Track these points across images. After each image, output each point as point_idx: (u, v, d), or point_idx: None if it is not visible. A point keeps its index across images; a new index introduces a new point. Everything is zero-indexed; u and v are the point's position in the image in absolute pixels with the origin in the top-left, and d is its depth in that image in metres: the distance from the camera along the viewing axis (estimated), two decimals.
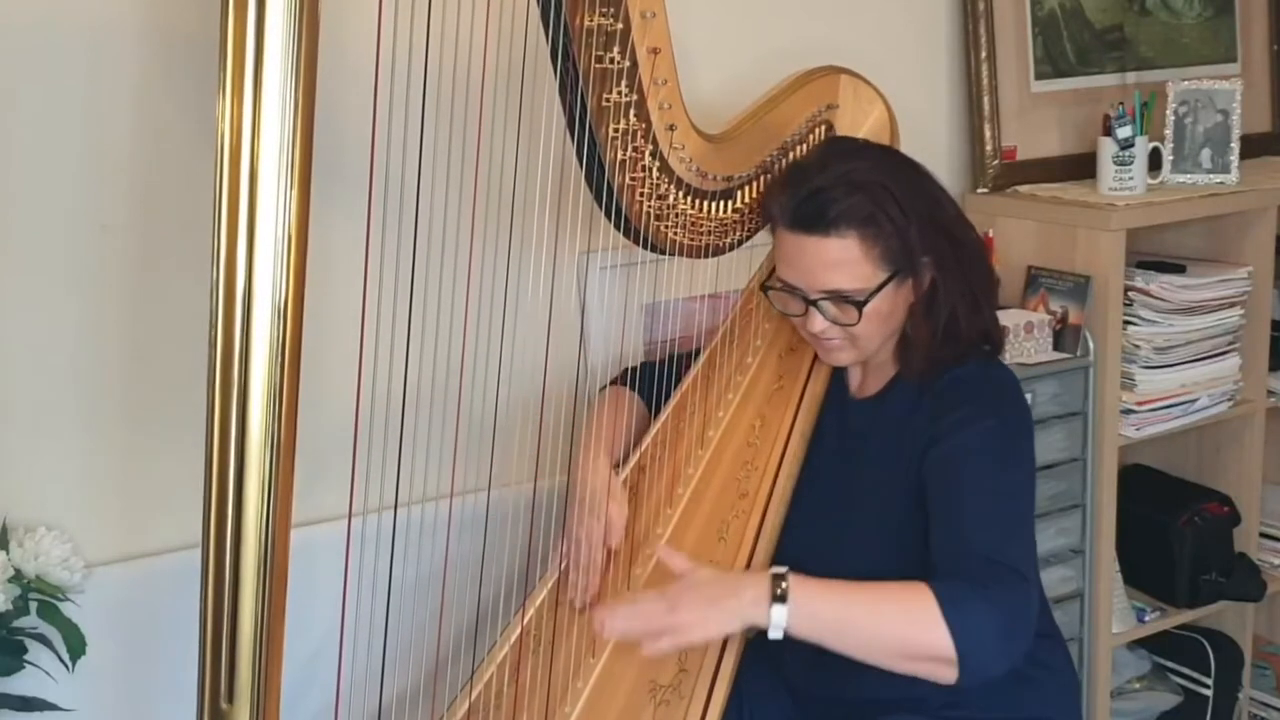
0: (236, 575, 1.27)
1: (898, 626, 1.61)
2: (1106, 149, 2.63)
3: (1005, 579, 1.63)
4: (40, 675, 1.88)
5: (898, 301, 1.82)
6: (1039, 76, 2.80)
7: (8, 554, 1.84)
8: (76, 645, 1.88)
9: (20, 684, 1.87)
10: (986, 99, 2.73)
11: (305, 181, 1.23)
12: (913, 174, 1.86)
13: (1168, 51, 2.95)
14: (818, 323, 1.82)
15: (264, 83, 1.19)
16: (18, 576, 1.85)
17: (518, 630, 1.82)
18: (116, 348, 1.98)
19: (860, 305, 1.78)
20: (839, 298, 1.79)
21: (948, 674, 1.60)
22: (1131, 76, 2.89)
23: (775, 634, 1.60)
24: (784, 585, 1.59)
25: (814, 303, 1.81)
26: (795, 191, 1.81)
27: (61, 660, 1.88)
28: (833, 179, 1.78)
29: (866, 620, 1.62)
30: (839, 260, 1.77)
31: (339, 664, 1.53)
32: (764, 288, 1.93)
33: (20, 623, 1.85)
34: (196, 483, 1.54)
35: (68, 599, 1.88)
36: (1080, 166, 2.76)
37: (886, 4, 2.66)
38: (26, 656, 1.86)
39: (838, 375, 1.98)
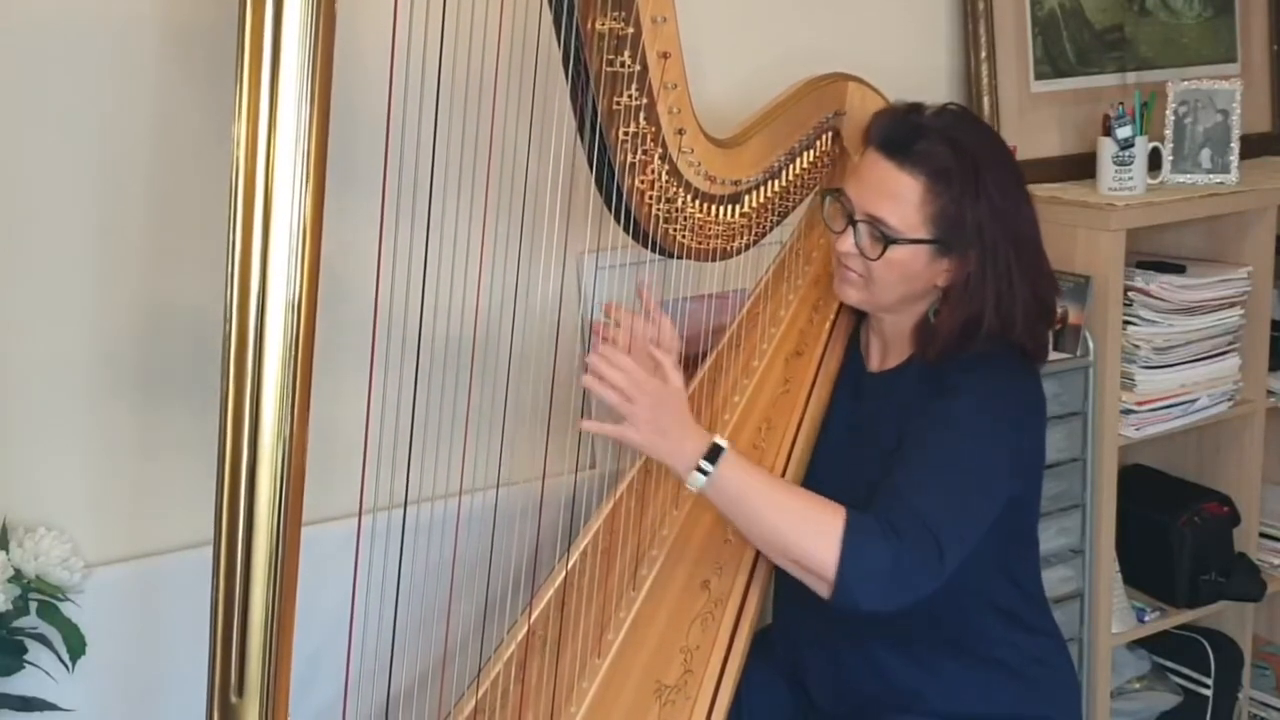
0: (248, 570, 1.28)
1: (796, 532, 1.69)
2: (1106, 149, 2.63)
3: (917, 536, 1.67)
4: (40, 675, 1.88)
5: (925, 271, 1.83)
6: (1039, 76, 2.80)
7: (8, 554, 1.84)
8: (76, 645, 1.88)
9: (20, 684, 1.87)
10: (986, 99, 2.73)
11: (320, 178, 1.23)
12: (1013, 179, 1.87)
13: (1168, 51, 2.96)
14: (847, 243, 1.85)
15: (281, 80, 1.19)
16: (18, 576, 1.84)
17: (524, 629, 1.82)
18: (124, 346, 1.98)
19: (888, 243, 1.80)
20: (876, 228, 1.81)
21: (823, 589, 1.69)
22: (1131, 76, 2.89)
23: (691, 488, 1.72)
24: (712, 466, 1.70)
25: (854, 223, 1.83)
26: (899, 119, 1.86)
27: (61, 660, 1.88)
28: (936, 126, 1.83)
29: (773, 517, 1.71)
30: (896, 193, 1.80)
31: (347, 659, 1.53)
32: (826, 192, 1.96)
33: (20, 623, 1.85)
34: (196, 483, 1.55)
35: (68, 599, 1.88)
36: (1080, 166, 2.76)
37: (886, 4, 2.66)
38: (26, 656, 1.86)
39: (856, 352, 2.00)
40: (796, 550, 1.69)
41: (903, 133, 1.82)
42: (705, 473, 1.69)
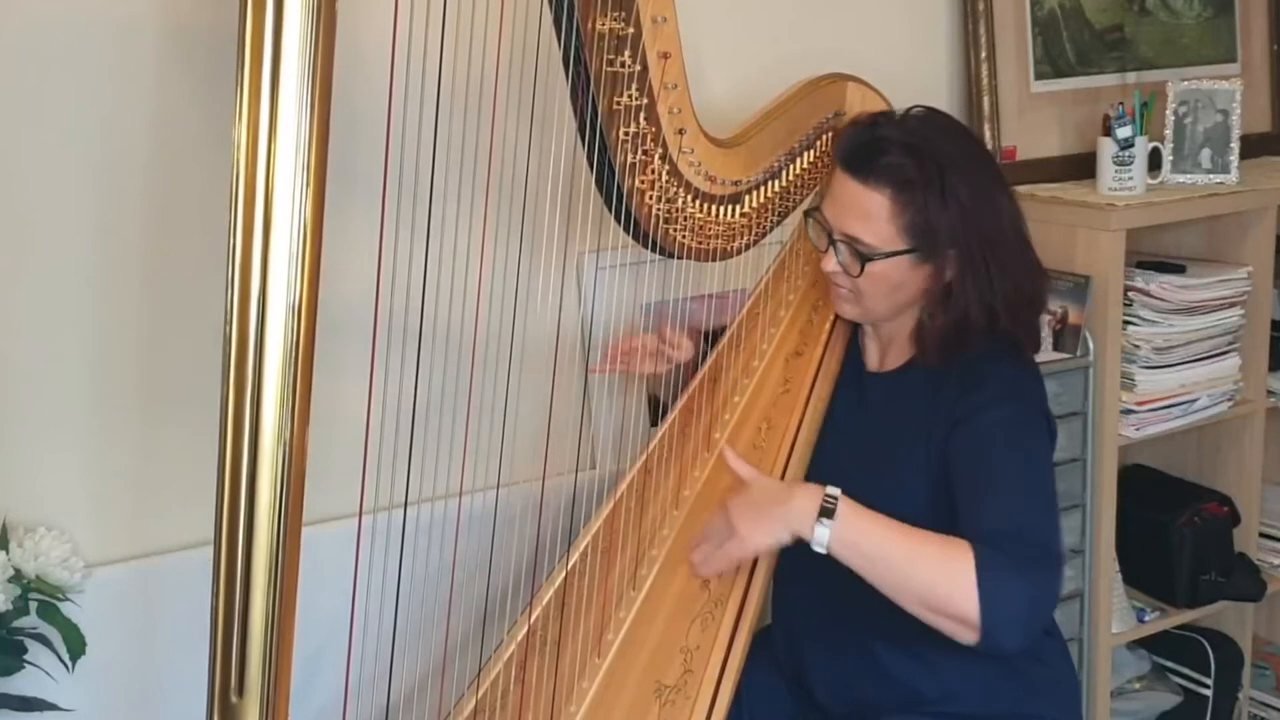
0: (248, 570, 1.27)
1: (931, 576, 1.62)
2: (1106, 149, 2.63)
3: (1041, 559, 1.65)
4: (40, 675, 1.88)
5: (910, 278, 1.83)
6: (1039, 76, 2.81)
7: (8, 554, 1.84)
8: (76, 645, 1.88)
9: (20, 684, 1.87)
10: (986, 99, 2.73)
11: (320, 181, 1.22)
12: (983, 175, 1.86)
13: (1168, 51, 2.96)
14: (830, 262, 1.87)
15: (281, 82, 1.18)
16: (18, 576, 1.84)
17: (524, 629, 1.82)
18: (124, 347, 1.98)
19: (865, 260, 1.81)
20: (853, 246, 1.82)
21: (967, 636, 1.62)
22: (1131, 76, 2.89)
23: (818, 548, 1.65)
24: (833, 502, 1.65)
25: (834, 242, 1.85)
26: (860, 133, 1.86)
27: (61, 660, 1.88)
28: (897, 135, 1.82)
29: (904, 561, 1.64)
30: (866, 211, 1.80)
31: (348, 659, 1.53)
32: (807, 213, 1.96)
33: (20, 623, 1.85)
34: (196, 483, 1.55)
35: (68, 599, 1.88)
36: (1080, 166, 2.76)
37: (887, 5, 2.66)
38: (26, 656, 1.86)
39: (854, 352, 2.00)
40: (937, 597, 1.62)
41: (864, 149, 1.82)
42: (826, 524, 1.64)
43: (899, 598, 1.65)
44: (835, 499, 1.66)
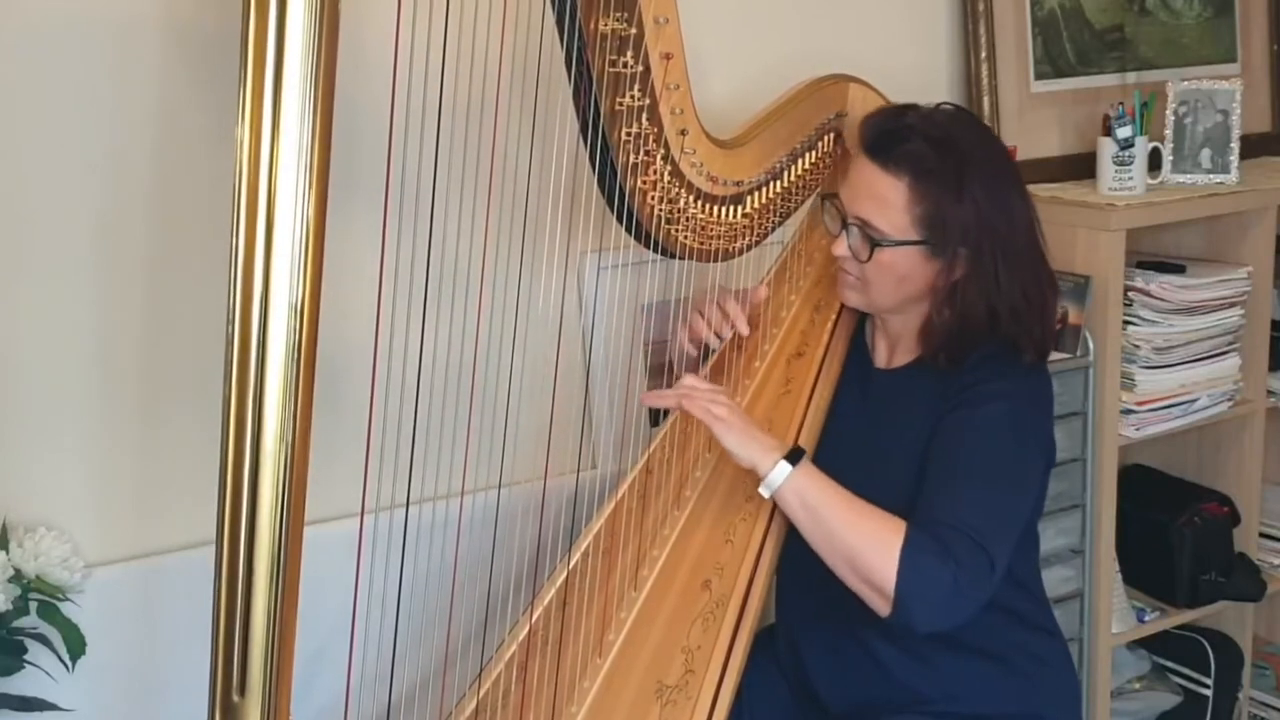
0: (250, 570, 1.28)
1: (861, 542, 1.69)
2: (1106, 149, 2.63)
3: (969, 555, 1.68)
4: (40, 675, 1.88)
5: (917, 272, 1.84)
6: (1039, 76, 2.81)
7: (8, 554, 1.84)
8: (76, 645, 1.88)
9: (20, 684, 1.87)
10: (986, 99, 2.73)
11: (323, 181, 1.23)
12: (1003, 180, 1.86)
13: (1168, 51, 2.96)
14: (841, 246, 1.88)
15: (284, 84, 1.19)
16: (18, 576, 1.84)
17: (526, 629, 1.82)
18: (125, 347, 1.98)
19: (875, 245, 1.82)
20: (865, 231, 1.83)
21: (882, 606, 1.69)
22: (1131, 76, 2.89)
23: (765, 490, 1.74)
24: (798, 452, 1.75)
25: (846, 226, 1.85)
26: (887, 120, 1.87)
27: (61, 660, 1.88)
28: (923, 126, 1.83)
29: (840, 523, 1.71)
30: (882, 196, 1.81)
31: (349, 659, 1.53)
32: (824, 197, 1.97)
33: (20, 623, 1.85)
34: (198, 482, 1.55)
35: (68, 599, 1.88)
36: (1080, 166, 2.76)
37: (887, 5, 2.66)
38: (26, 656, 1.86)
39: (861, 347, 2.00)
40: (860, 563, 1.69)
41: (888, 135, 1.83)
42: (785, 466, 1.72)
43: (829, 557, 1.72)
44: (802, 451, 1.75)
